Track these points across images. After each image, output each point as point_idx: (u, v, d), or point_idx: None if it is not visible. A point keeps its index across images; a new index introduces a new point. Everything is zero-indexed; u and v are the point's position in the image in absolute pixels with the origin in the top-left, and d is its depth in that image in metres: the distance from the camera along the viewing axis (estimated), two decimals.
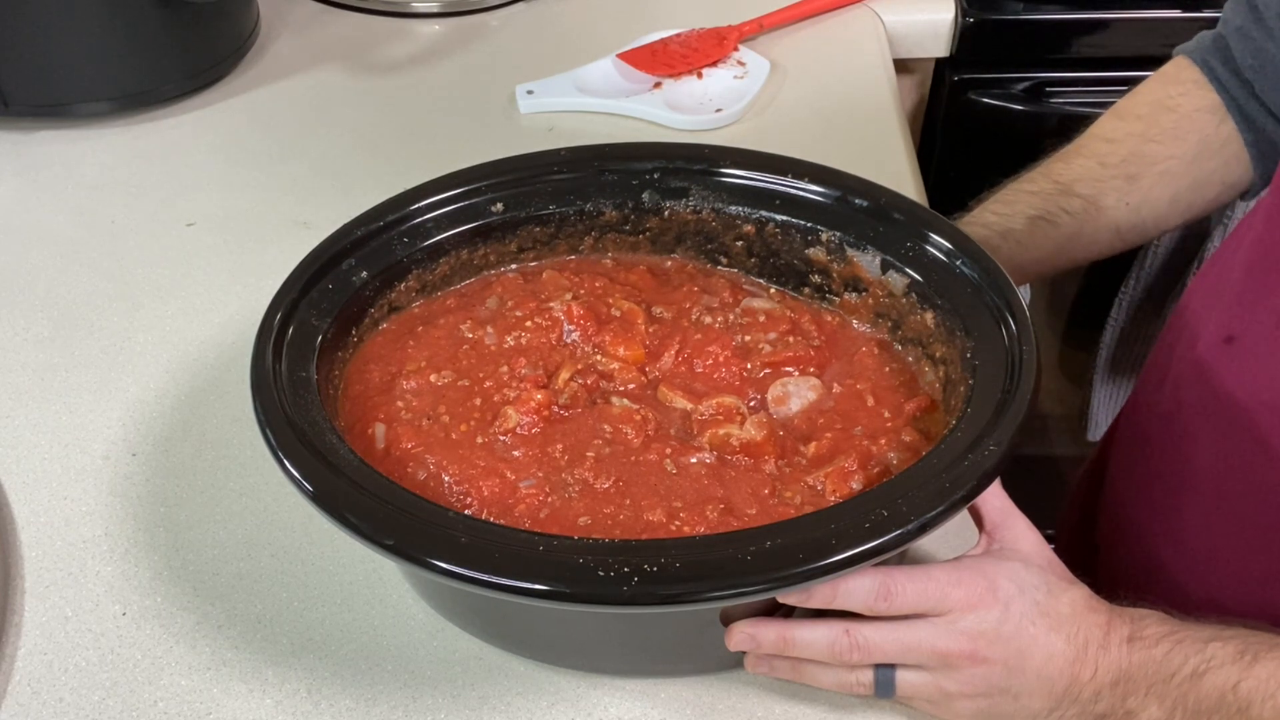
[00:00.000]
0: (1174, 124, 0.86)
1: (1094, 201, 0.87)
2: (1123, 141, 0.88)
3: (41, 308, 0.90)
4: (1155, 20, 1.23)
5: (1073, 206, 0.87)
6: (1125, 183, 0.87)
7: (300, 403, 0.62)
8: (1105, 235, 0.88)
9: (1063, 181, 0.88)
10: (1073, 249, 0.88)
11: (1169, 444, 0.77)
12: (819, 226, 0.74)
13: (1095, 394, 1.31)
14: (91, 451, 0.78)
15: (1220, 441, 0.71)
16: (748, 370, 0.70)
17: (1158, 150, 0.86)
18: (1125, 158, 0.87)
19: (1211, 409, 0.72)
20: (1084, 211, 0.87)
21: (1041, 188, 0.88)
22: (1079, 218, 0.86)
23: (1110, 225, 0.87)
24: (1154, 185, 0.86)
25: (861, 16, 1.21)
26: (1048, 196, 0.88)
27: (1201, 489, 0.74)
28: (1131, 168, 0.87)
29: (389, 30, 1.23)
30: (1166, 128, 0.86)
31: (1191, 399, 0.74)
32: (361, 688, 0.65)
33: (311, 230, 0.91)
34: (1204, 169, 0.86)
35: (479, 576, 0.53)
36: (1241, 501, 0.71)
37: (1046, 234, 0.86)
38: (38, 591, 0.70)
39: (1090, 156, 0.89)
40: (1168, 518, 0.77)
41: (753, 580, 0.53)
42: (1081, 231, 0.87)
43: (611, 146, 0.80)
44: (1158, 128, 0.87)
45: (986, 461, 0.57)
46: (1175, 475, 0.76)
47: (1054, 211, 0.87)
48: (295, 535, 0.73)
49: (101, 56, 1.05)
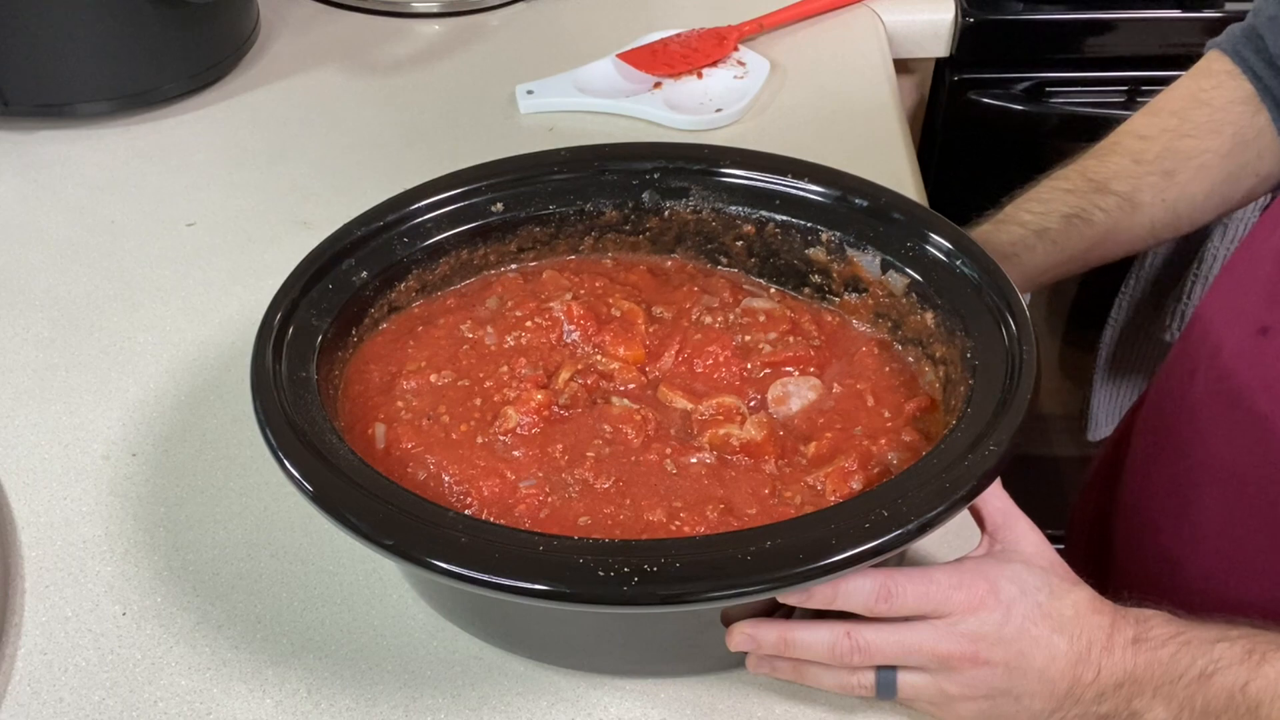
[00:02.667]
0: (1208, 118, 0.85)
1: (1130, 199, 0.86)
2: (1157, 138, 0.87)
3: (41, 308, 0.90)
4: (1155, 20, 1.23)
5: (1108, 204, 0.86)
6: (1162, 179, 0.86)
7: (300, 403, 0.62)
8: (1140, 232, 0.87)
9: (1098, 179, 0.87)
10: (1106, 246, 0.87)
11: (1193, 438, 0.76)
12: (819, 226, 0.74)
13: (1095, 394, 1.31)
14: (91, 451, 0.78)
15: (1248, 434, 0.71)
16: (748, 370, 0.70)
17: (1193, 145, 0.85)
18: (1160, 154, 0.86)
19: (1244, 401, 0.71)
20: (1119, 209, 0.86)
21: (1076, 185, 0.88)
22: (1114, 215, 0.86)
23: (1146, 222, 0.87)
24: (1190, 181, 0.86)
25: (861, 16, 1.21)
26: (1083, 194, 0.87)
27: (1224, 483, 0.73)
28: (1167, 163, 0.86)
29: (389, 30, 1.23)
30: (1201, 122, 0.86)
31: (1223, 391, 0.73)
32: (361, 688, 0.65)
33: (311, 230, 0.91)
34: (1239, 162, 0.85)
35: (479, 576, 0.53)
36: (1264, 496, 0.71)
37: (1081, 232, 0.86)
38: (38, 591, 0.70)
39: (1125, 154, 0.88)
40: (1187, 513, 0.77)
41: (753, 580, 0.53)
42: (1117, 228, 0.86)
43: (611, 146, 0.80)
44: (1192, 123, 0.86)
45: (986, 461, 0.57)
46: (1196, 470, 0.76)
47: (1089, 209, 0.86)
48: (295, 535, 0.73)
49: (101, 56, 1.05)
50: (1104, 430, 1.34)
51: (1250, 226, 1.13)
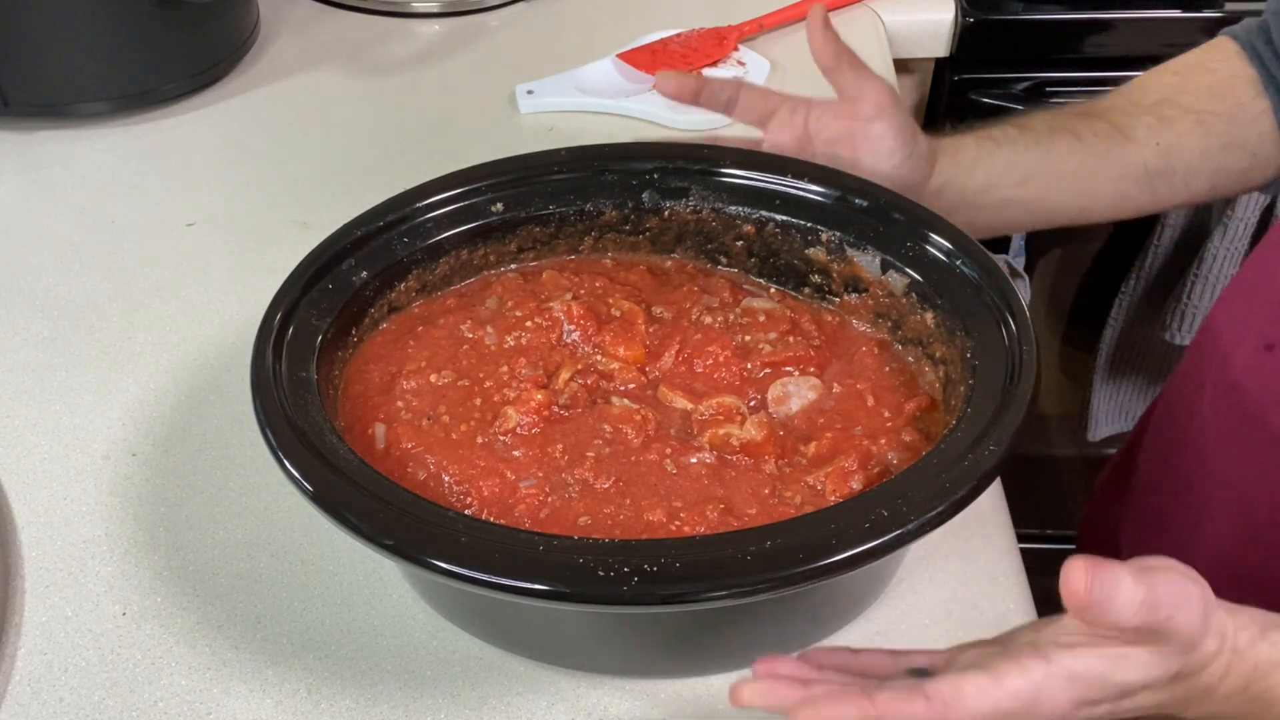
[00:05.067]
0: (1210, 84, 0.83)
1: (1122, 129, 0.82)
2: (1156, 89, 0.84)
3: (41, 308, 0.90)
4: (1155, 20, 1.23)
5: (1100, 129, 0.82)
6: (1158, 121, 0.82)
7: (300, 403, 0.62)
8: (1134, 171, 0.82)
9: (1087, 110, 0.84)
10: (1098, 176, 0.82)
11: (1201, 454, 0.76)
12: (819, 226, 0.74)
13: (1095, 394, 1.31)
14: (91, 451, 0.78)
15: (1256, 448, 0.70)
16: (748, 370, 0.70)
17: (1192, 101, 0.83)
18: (1159, 101, 0.83)
19: (1252, 416, 0.70)
20: (1111, 136, 0.82)
21: (1061, 112, 0.84)
22: (1107, 141, 0.82)
23: (1139, 161, 0.82)
24: (1187, 131, 0.82)
25: (861, 16, 1.21)
26: (1066, 115, 0.83)
27: (1233, 497, 0.73)
28: (1166, 110, 0.83)
29: (389, 30, 1.23)
30: (1202, 85, 0.83)
31: (1229, 406, 0.73)
32: (361, 688, 0.65)
33: (311, 230, 0.91)
34: (1236, 134, 0.83)
35: (479, 576, 0.53)
36: (1270, 512, 0.70)
37: (1071, 146, 0.81)
38: (38, 591, 0.70)
39: (1122, 95, 0.85)
40: (1194, 527, 0.76)
41: (753, 580, 0.53)
42: (1109, 156, 0.82)
43: (611, 146, 0.80)
44: (1193, 83, 0.84)
45: (986, 461, 0.57)
46: (1204, 483, 0.75)
47: (1076, 127, 0.82)
48: (295, 535, 0.73)
49: (101, 56, 1.05)
50: (1104, 430, 1.34)
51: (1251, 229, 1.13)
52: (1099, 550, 0.92)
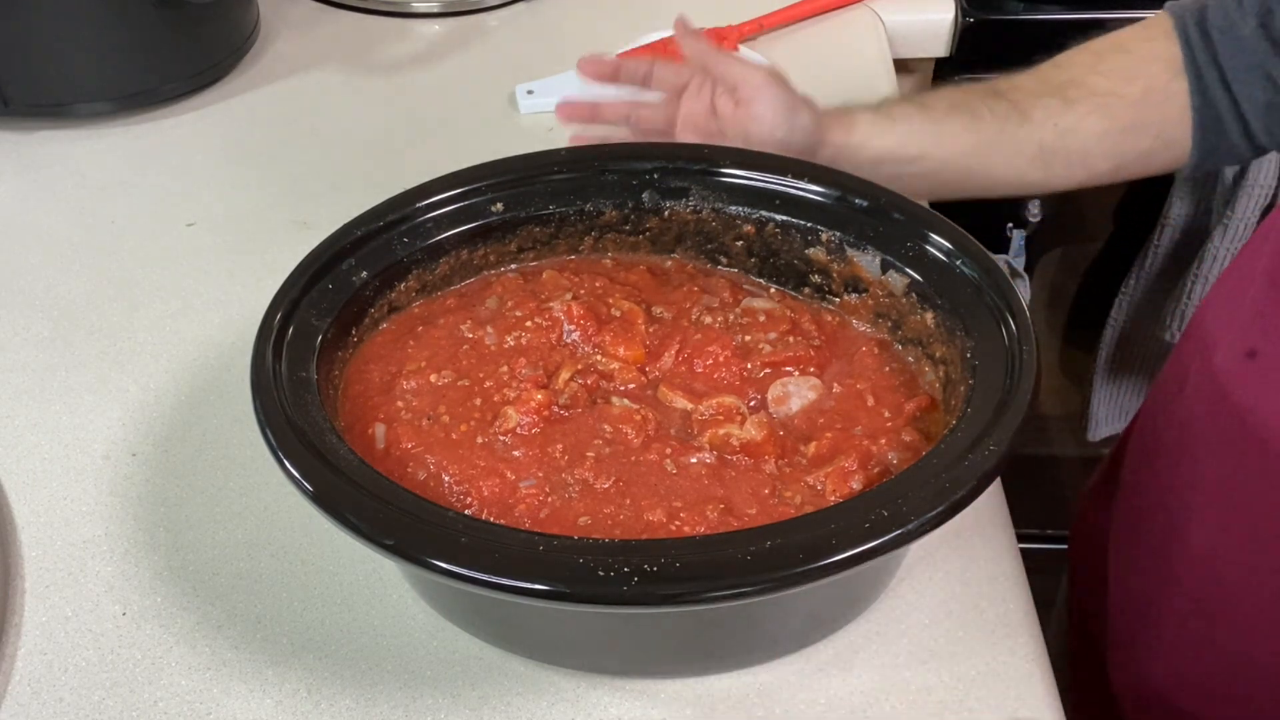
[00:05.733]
0: (1125, 65, 0.84)
1: (1021, 109, 0.84)
2: (1069, 68, 0.85)
3: (41, 308, 0.90)
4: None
5: (998, 108, 0.84)
6: (1060, 103, 0.84)
7: (300, 403, 0.62)
8: (1029, 150, 0.84)
9: (995, 88, 0.86)
10: (991, 156, 0.84)
11: (1184, 457, 0.76)
12: (819, 226, 0.74)
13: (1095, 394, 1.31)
14: (91, 451, 0.78)
15: (1236, 457, 0.70)
16: (748, 370, 0.70)
17: (1102, 83, 0.84)
18: (1066, 82, 0.84)
19: (1230, 424, 0.70)
20: (1007, 116, 0.84)
21: (969, 89, 0.86)
22: (1002, 120, 0.84)
23: (1035, 141, 0.84)
24: (1088, 115, 0.83)
25: (861, 16, 1.21)
26: (972, 93, 0.85)
27: (1213, 503, 0.73)
28: (1071, 92, 0.84)
29: (389, 30, 1.23)
30: (1116, 66, 0.84)
31: (1210, 413, 0.73)
32: (361, 688, 0.65)
33: (311, 230, 0.91)
34: (1143, 117, 0.83)
35: (479, 576, 0.53)
36: (1253, 517, 0.70)
37: (966, 125, 0.83)
38: (38, 591, 0.70)
39: (1032, 75, 0.86)
40: (1179, 531, 0.76)
41: (753, 580, 0.53)
42: (1002, 135, 0.84)
43: (611, 146, 0.80)
44: (1107, 63, 0.85)
45: (986, 461, 0.57)
46: (1187, 489, 0.75)
47: (976, 106, 0.84)
48: (295, 535, 0.73)
49: (101, 56, 1.05)
50: (1104, 430, 1.34)
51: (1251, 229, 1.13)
52: (1088, 553, 0.92)
